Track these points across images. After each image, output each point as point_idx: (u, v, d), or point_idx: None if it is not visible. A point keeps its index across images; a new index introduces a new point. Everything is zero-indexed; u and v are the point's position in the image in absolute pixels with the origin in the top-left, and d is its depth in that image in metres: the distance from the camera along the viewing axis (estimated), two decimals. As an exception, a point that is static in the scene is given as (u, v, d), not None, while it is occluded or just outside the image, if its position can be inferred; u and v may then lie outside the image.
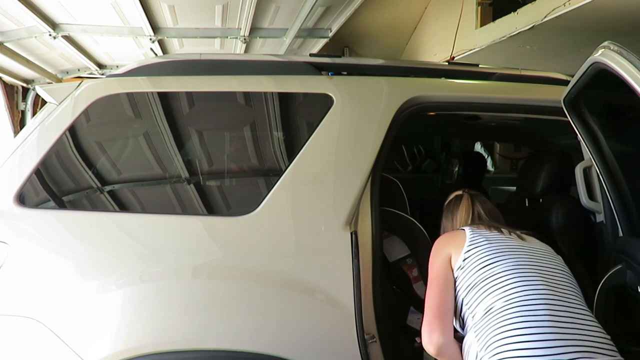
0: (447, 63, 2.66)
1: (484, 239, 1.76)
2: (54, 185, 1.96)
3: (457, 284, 1.72)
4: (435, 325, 1.64)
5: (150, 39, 4.59)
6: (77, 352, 1.77)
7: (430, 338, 1.62)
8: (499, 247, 1.72)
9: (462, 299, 1.69)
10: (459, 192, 2.10)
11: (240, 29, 4.57)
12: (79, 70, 5.87)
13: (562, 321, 1.49)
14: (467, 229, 1.83)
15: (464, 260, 1.72)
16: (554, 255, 1.77)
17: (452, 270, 1.75)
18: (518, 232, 1.85)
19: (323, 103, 2.02)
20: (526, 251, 1.72)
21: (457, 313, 1.72)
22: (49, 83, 5.71)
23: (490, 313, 1.56)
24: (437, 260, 1.79)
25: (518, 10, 3.96)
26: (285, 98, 2.11)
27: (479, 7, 4.65)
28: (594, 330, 1.51)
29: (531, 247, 1.77)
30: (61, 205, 1.97)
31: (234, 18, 4.37)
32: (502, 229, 1.85)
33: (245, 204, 1.95)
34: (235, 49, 5.12)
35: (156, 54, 4.83)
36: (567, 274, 1.70)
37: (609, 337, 1.51)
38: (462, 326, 1.70)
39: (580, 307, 1.57)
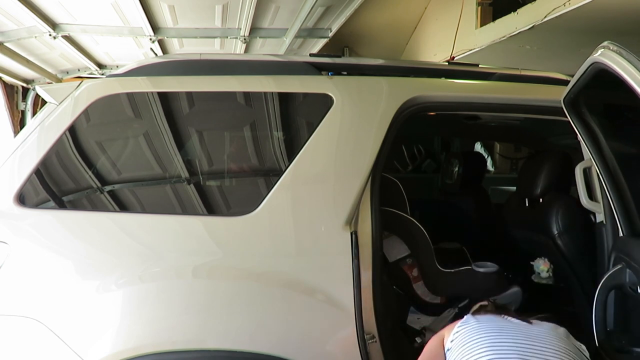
0: (447, 63, 2.66)
1: (474, 320, 1.70)
2: (54, 185, 1.96)
3: None
4: None
5: (150, 39, 4.59)
6: (77, 352, 1.77)
7: None
8: (485, 327, 1.64)
9: None
10: (484, 302, 1.91)
11: (240, 29, 4.57)
12: (79, 70, 5.87)
13: None
14: (467, 315, 1.77)
15: (451, 341, 1.67)
16: (557, 338, 1.60)
17: (444, 351, 1.70)
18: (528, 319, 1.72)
19: (323, 103, 2.02)
20: (514, 331, 1.61)
21: None
22: (49, 83, 5.71)
23: None
24: (432, 339, 1.77)
25: (518, 10, 3.96)
26: (285, 98, 2.10)
27: (479, 7, 4.65)
28: None
29: (528, 328, 1.65)
30: (61, 205, 1.97)
31: (234, 18, 4.37)
32: (508, 316, 1.74)
33: (245, 204, 1.95)
34: (235, 49, 5.12)
35: (156, 54, 4.82)
36: (564, 354, 1.53)
37: None
38: None
39: None
